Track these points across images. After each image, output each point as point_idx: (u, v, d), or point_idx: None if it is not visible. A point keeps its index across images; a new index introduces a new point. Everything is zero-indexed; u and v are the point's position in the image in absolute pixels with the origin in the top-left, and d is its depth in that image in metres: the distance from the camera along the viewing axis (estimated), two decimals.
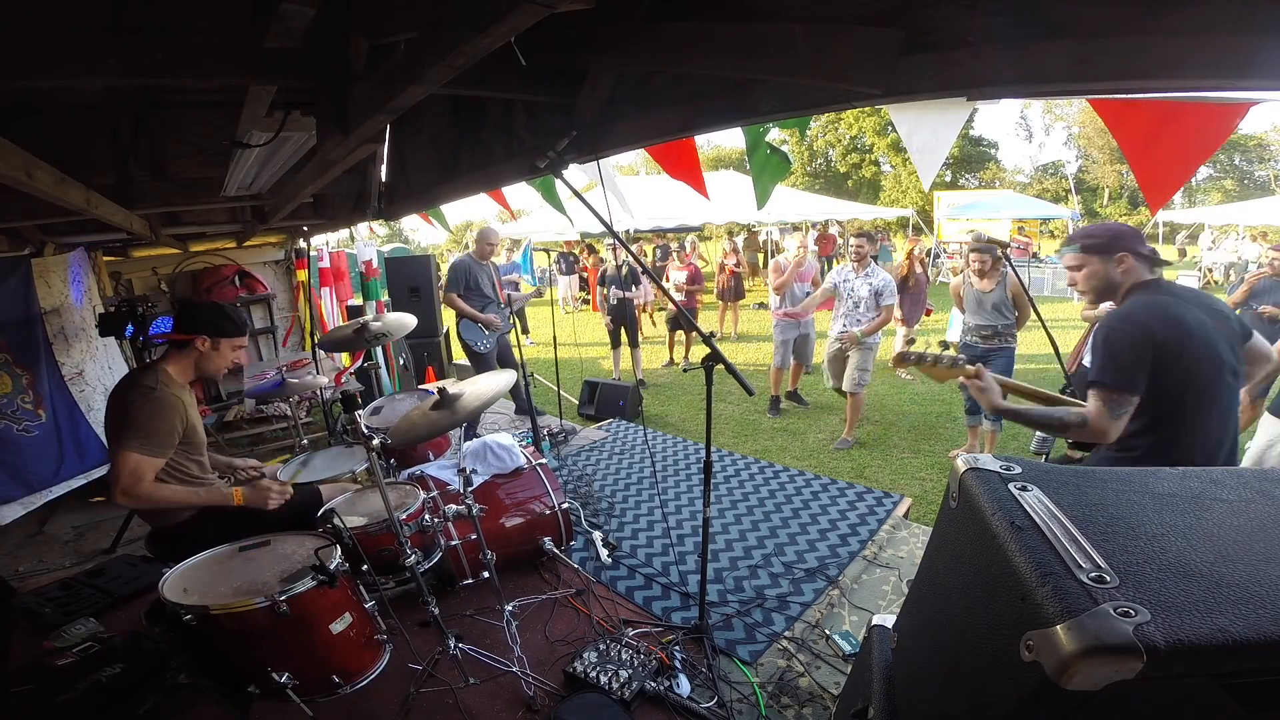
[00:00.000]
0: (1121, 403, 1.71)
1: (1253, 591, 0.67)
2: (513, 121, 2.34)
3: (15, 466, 3.53)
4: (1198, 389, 1.72)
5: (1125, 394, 1.71)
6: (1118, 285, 1.89)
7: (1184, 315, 1.73)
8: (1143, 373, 1.70)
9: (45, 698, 2.08)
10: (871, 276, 4.67)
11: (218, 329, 2.23)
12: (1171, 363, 1.70)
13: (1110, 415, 1.72)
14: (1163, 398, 1.72)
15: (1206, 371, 1.73)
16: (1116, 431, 1.73)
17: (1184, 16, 0.93)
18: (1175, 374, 1.70)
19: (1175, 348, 1.70)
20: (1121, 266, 1.87)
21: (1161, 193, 1.74)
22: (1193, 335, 1.72)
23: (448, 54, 1.09)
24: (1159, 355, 1.69)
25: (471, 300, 4.70)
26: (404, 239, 28.17)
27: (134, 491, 1.98)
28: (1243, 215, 14.46)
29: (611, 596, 2.70)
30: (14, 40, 1.28)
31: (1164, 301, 1.78)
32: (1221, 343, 1.76)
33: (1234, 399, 1.80)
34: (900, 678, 1.16)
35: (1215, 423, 1.76)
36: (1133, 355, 1.71)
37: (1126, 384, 1.71)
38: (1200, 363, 1.72)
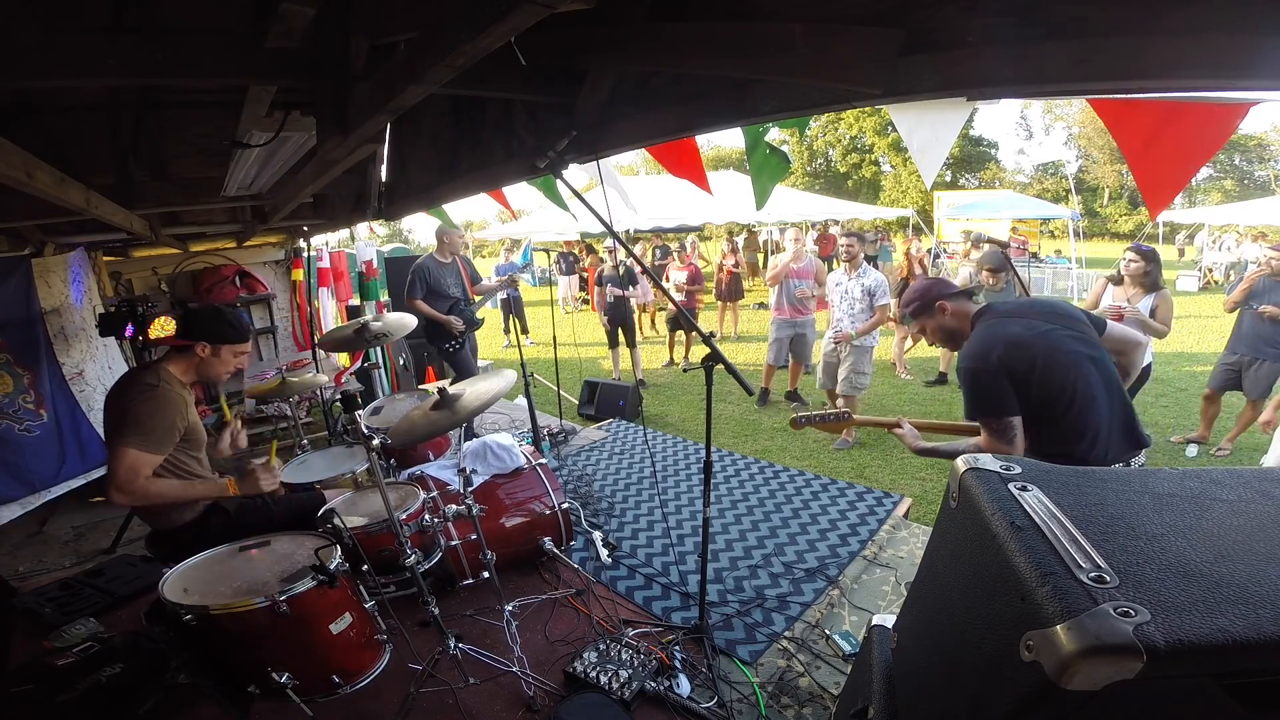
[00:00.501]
0: (1003, 428, 1.85)
1: (1253, 591, 0.67)
2: (513, 121, 2.34)
3: (17, 466, 3.53)
4: (1065, 388, 1.83)
5: (1001, 418, 1.85)
6: (956, 329, 2.09)
7: (1018, 331, 1.89)
8: (1007, 396, 1.84)
9: (45, 698, 2.08)
10: (864, 276, 4.66)
11: (218, 335, 2.23)
12: (1025, 377, 1.83)
13: (1000, 440, 1.86)
14: (1036, 404, 1.84)
15: (1062, 369, 1.84)
16: (1017, 449, 1.85)
17: (1184, 16, 0.93)
18: (1035, 385, 1.83)
19: (1025, 364, 1.84)
20: (946, 313, 2.09)
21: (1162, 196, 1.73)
22: (1032, 345, 1.86)
23: (448, 54, 1.09)
24: (1012, 376, 1.83)
25: (437, 302, 4.55)
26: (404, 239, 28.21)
27: (129, 488, 1.97)
28: (1243, 215, 14.46)
29: (611, 596, 2.70)
30: (14, 40, 1.28)
31: (995, 326, 1.95)
32: (1065, 338, 1.89)
33: (1107, 379, 1.89)
34: (900, 678, 1.16)
35: (1102, 405, 1.85)
36: (990, 385, 1.85)
37: (997, 410, 1.85)
38: (1052, 366, 1.84)
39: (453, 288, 4.65)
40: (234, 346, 2.28)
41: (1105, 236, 29.04)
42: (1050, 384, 1.83)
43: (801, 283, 5.54)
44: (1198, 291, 13.37)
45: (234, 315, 2.34)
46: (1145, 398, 5.51)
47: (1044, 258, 15.49)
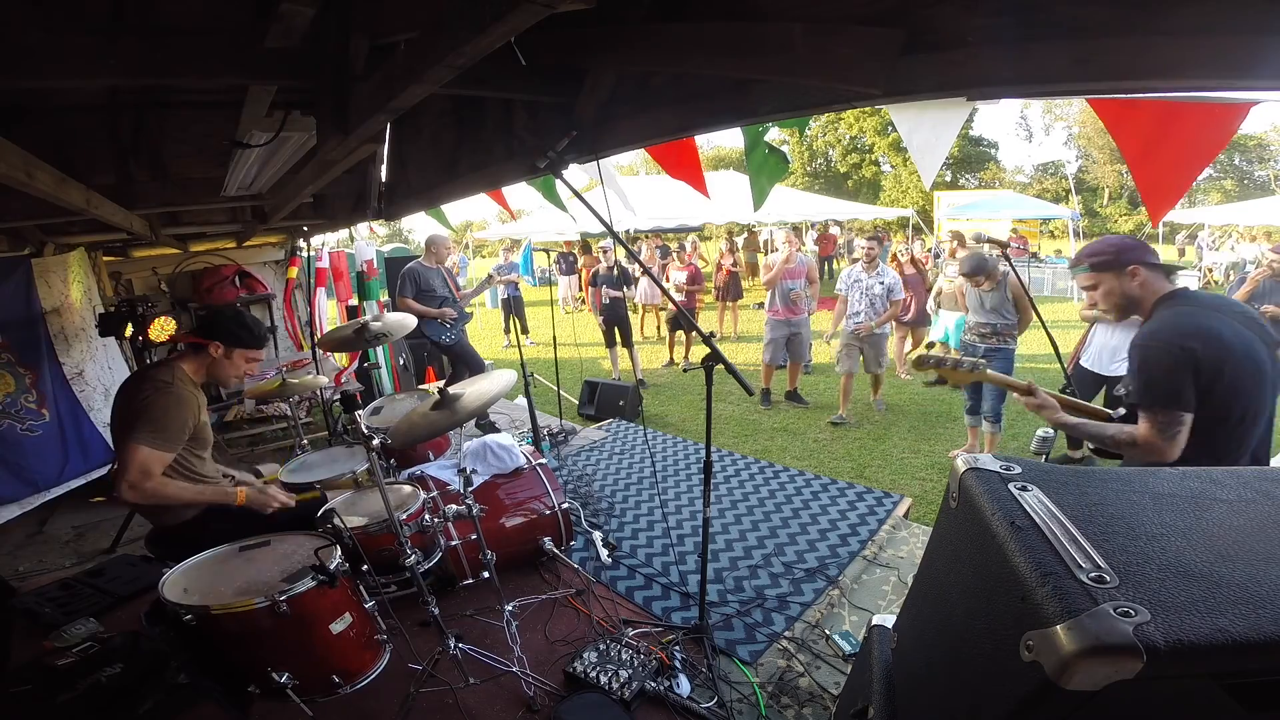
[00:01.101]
0: (1172, 422, 1.66)
1: (1253, 591, 0.67)
2: (513, 121, 2.34)
3: (19, 466, 3.53)
4: (1244, 403, 1.67)
5: (1174, 412, 1.66)
6: (1138, 299, 1.85)
7: (1220, 328, 1.68)
8: (1188, 389, 1.65)
9: (45, 698, 2.08)
10: (883, 275, 5.21)
11: (234, 338, 2.23)
12: (1213, 379, 1.64)
13: (1162, 436, 1.67)
14: (1208, 411, 1.67)
15: (1250, 384, 1.67)
16: (1176, 450, 1.67)
17: (1184, 16, 0.93)
18: (1218, 391, 1.64)
19: (1216, 364, 1.64)
20: (1136, 280, 1.83)
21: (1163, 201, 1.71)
22: (1234, 349, 1.66)
23: (448, 54, 1.09)
24: (1199, 371, 1.64)
25: (427, 302, 4.84)
26: (404, 239, 28.21)
27: (141, 486, 1.98)
28: (1243, 215, 14.45)
29: (611, 596, 2.70)
30: (14, 40, 1.28)
31: (1195, 314, 1.72)
32: (1261, 352, 1.70)
33: (1275, 407, 1.74)
34: (900, 678, 1.16)
35: (1258, 434, 1.72)
36: (1174, 374, 1.65)
37: (1173, 403, 1.66)
38: (1244, 376, 1.66)
39: (440, 289, 4.91)
40: (247, 351, 2.29)
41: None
42: (1233, 394, 1.65)
43: (794, 283, 5.69)
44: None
45: (255, 321, 2.35)
46: None
47: (1044, 258, 15.48)
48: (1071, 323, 6.68)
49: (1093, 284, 1.92)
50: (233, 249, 5.54)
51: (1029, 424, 5.20)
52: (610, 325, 6.84)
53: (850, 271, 5.41)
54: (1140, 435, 1.71)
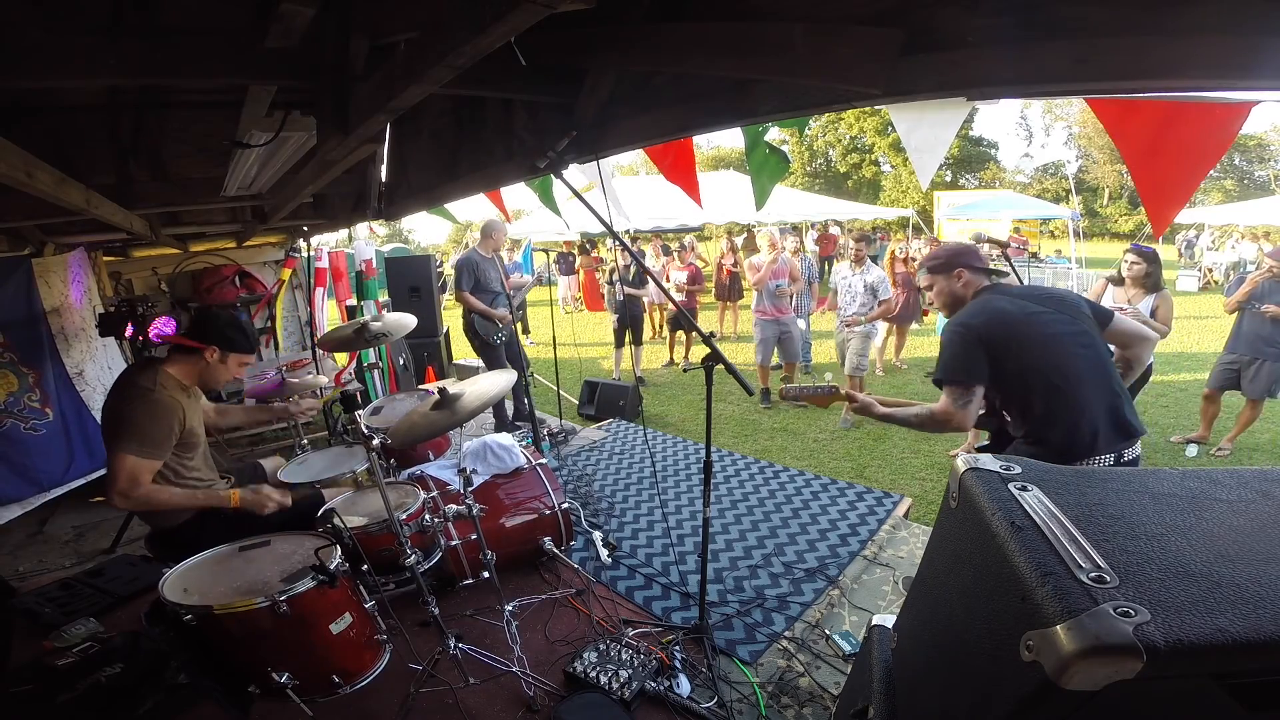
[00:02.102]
0: (963, 393, 1.91)
1: (1253, 591, 0.67)
2: (513, 121, 2.34)
3: (24, 466, 3.53)
4: (1043, 368, 1.87)
5: (963, 385, 1.92)
6: (962, 297, 2.12)
7: (1006, 307, 1.96)
8: (978, 365, 1.90)
9: (45, 698, 2.08)
10: (868, 273, 5.29)
11: (230, 343, 2.22)
12: (1003, 350, 1.89)
13: (955, 405, 1.92)
14: (1015, 382, 1.91)
15: (1044, 350, 1.89)
16: (969, 419, 1.93)
17: (1184, 16, 0.93)
18: (1013, 359, 1.88)
19: (1002, 336, 1.90)
20: (960, 280, 2.12)
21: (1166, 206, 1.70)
22: (1016, 321, 1.92)
23: (448, 54, 1.09)
24: (990, 347, 1.89)
25: (481, 296, 4.74)
26: (404, 239, 28.20)
27: (131, 494, 1.97)
28: (1243, 215, 14.45)
29: (611, 596, 2.70)
30: (14, 40, 1.28)
31: (988, 300, 2.02)
32: (1053, 321, 1.92)
33: (1098, 364, 1.91)
34: (900, 678, 1.16)
35: (1087, 391, 1.86)
36: (963, 351, 1.92)
37: (962, 377, 1.92)
38: (1032, 343, 1.89)
39: (495, 282, 4.77)
40: (241, 356, 2.28)
41: (1105, 236, 29.04)
42: (1027, 363, 1.88)
43: (779, 282, 5.79)
44: (1198, 291, 13.37)
45: (249, 325, 2.34)
46: (1145, 398, 5.51)
47: (1044, 258, 15.48)
48: None
49: (929, 284, 2.22)
50: (233, 249, 5.53)
51: None
52: (624, 324, 6.86)
53: (839, 269, 5.59)
54: (938, 408, 1.96)
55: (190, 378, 2.24)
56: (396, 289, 6.05)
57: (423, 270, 6.09)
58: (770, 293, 5.82)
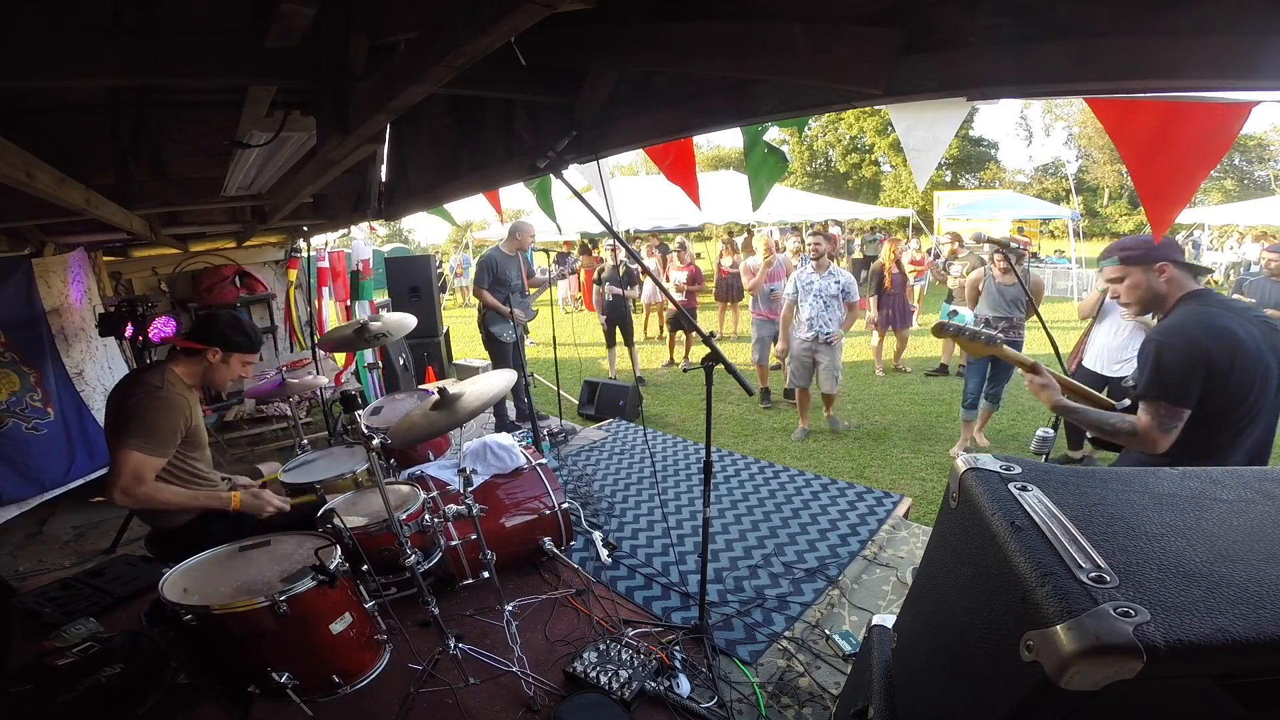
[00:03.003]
0: (1172, 416, 1.71)
1: (1252, 591, 0.67)
2: (513, 121, 2.34)
3: (26, 466, 3.53)
4: (1247, 404, 1.70)
5: (1176, 408, 1.71)
6: (1163, 296, 1.87)
7: (1235, 329, 1.71)
8: (1195, 387, 1.69)
9: (45, 698, 2.08)
10: (836, 276, 4.76)
11: (231, 343, 2.23)
12: (1223, 378, 1.68)
13: (1160, 428, 1.72)
14: (1211, 411, 1.71)
15: (1257, 386, 1.70)
16: (1167, 443, 1.73)
17: (1184, 16, 0.93)
18: (1226, 389, 1.68)
19: (1227, 363, 1.67)
20: (1163, 276, 1.85)
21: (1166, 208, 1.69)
22: (1245, 349, 1.69)
23: (448, 54, 1.09)
24: (1211, 370, 1.68)
25: (497, 292, 4.79)
26: (404, 239, 28.19)
27: (134, 491, 1.97)
28: (1243, 215, 14.45)
29: (611, 596, 2.70)
30: (14, 40, 1.28)
31: (1214, 314, 1.76)
32: (1271, 357, 1.73)
33: (1276, 411, 1.77)
34: (900, 678, 1.16)
35: (1256, 437, 1.75)
36: (1185, 369, 1.69)
37: (1178, 398, 1.70)
38: (1251, 378, 1.69)
39: (514, 279, 4.87)
40: (244, 356, 2.28)
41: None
42: (1239, 394, 1.70)
43: (774, 284, 5.80)
44: None
45: (250, 325, 2.34)
46: None
47: (1044, 258, 15.48)
48: (1071, 323, 6.68)
49: (1119, 276, 1.94)
50: (233, 249, 5.53)
51: (1029, 424, 5.20)
52: (612, 324, 6.84)
53: (798, 274, 4.90)
54: (1141, 425, 1.75)
55: (194, 378, 2.25)
56: (396, 289, 6.06)
57: (423, 270, 6.09)
58: (764, 294, 5.86)
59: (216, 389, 2.37)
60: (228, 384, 2.33)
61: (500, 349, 4.94)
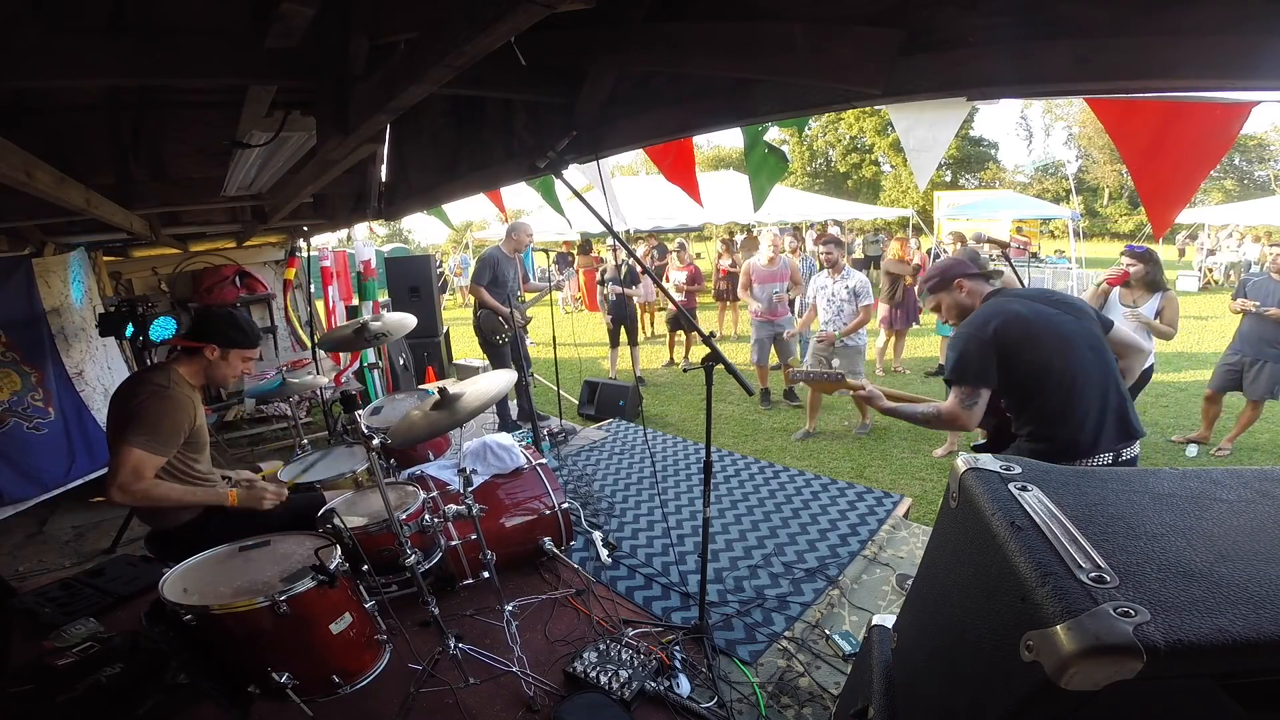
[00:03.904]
0: (971, 395, 1.95)
1: (1253, 591, 0.67)
2: (513, 121, 2.34)
3: (27, 466, 3.53)
4: (1056, 368, 1.88)
5: (972, 387, 1.95)
6: (969, 305, 2.15)
7: (1018, 309, 1.95)
8: (989, 366, 1.92)
9: (45, 698, 2.08)
10: (847, 278, 4.81)
11: (228, 339, 2.22)
12: (1016, 351, 1.90)
13: (962, 406, 1.96)
14: (1025, 381, 1.92)
15: (1055, 349, 1.90)
16: (974, 420, 1.96)
17: (1184, 16, 0.93)
18: (1025, 359, 1.90)
19: (1016, 337, 1.90)
20: (963, 291, 2.16)
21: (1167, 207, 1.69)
22: (1030, 321, 1.92)
23: (448, 54, 1.09)
24: (1001, 348, 1.90)
25: (495, 293, 4.76)
26: (404, 239, 28.20)
27: (132, 488, 1.97)
28: (1243, 215, 14.44)
29: (611, 596, 2.70)
30: (14, 40, 1.28)
31: (1000, 302, 2.03)
32: (1065, 322, 1.95)
33: (1103, 367, 1.93)
34: (900, 678, 1.16)
35: (1094, 392, 1.89)
36: (975, 353, 1.93)
37: (972, 379, 1.94)
38: (1045, 344, 1.90)
39: (512, 280, 4.84)
40: (243, 351, 2.27)
41: (1105, 236, 29.04)
42: (1038, 361, 1.90)
43: (778, 286, 5.63)
44: (1198, 291, 13.36)
45: (246, 320, 2.32)
46: (1145, 398, 5.50)
47: (1044, 258, 15.47)
48: None
49: (935, 305, 2.26)
50: (233, 249, 5.53)
51: None
52: (617, 324, 6.84)
53: (816, 278, 5.07)
54: (945, 407, 2.00)
55: (196, 377, 2.25)
56: (396, 289, 6.05)
57: (423, 270, 6.09)
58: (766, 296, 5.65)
59: (219, 386, 2.37)
60: (230, 380, 2.33)
61: (495, 352, 4.94)
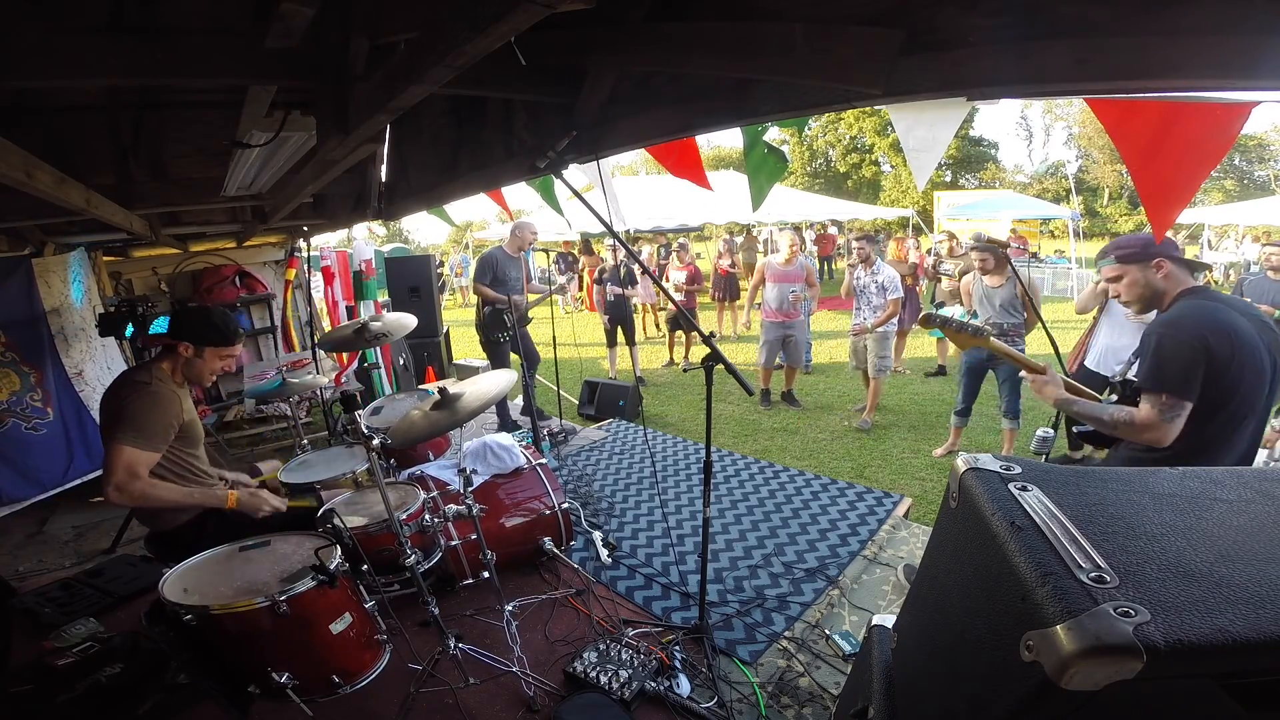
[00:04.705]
0: (1174, 407, 1.72)
1: (1253, 591, 0.67)
2: (513, 121, 2.34)
3: (26, 466, 3.54)
4: (1241, 398, 1.72)
5: (1178, 399, 1.71)
6: (1162, 292, 1.89)
7: (1235, 323, 1.73)
8: (1197, 379, 1.70)
9: (45, 698, 2.08)
10: (878, 273, 5.18)
11: (201, 337, 2.20)
12: (1222, 371, 1.69)
13: (1162, 419, 1.73)
14: (1207, 404, 1.72)
15: (1251, 380, 1.72)
16: (1171, 435, 1.73)
17: (1184, 16, 0.93)
18: (1224, 383, 1.70)
19: (1226, 356, 1.69)
20: (1161, 272, 1.87)
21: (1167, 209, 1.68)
22: (1244, 344, 1.71)
23: (448, 54, 1.09)
24: (1211, 362, 1.69)
25: (499, 290, 4.77)
26: (404, 239, 28.19)
27: (128, 488, 1.97)
28: (1243, 215, 14.44)
29: (611, 596, 2.70)
30: (14, 40, 1.28)
31: (1214, 307, 1.78)
32: (1266, 353, 1.75)
33: (1270, 408, 1.79)
34: (900, 678, 1.16)
35: (1249, 432, 1.77)
36: (1187, 361, 1.70)
37: (1179, 389, 1.71)
38: (1246, 372, 1.71)
39: (514, 280, 4.86)
40: (218, 349, 2.24)
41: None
42: (1234, 389, 1.71)
43: (795, 286, 5.61)
44: None
45: (222, 318, 2.29)
46: None
47: (1044, 258, 15.48)
48: (1071, 323, 6.69)
49: (1118, 275, 1.95)
50: (233, 249, 5.53)
51: (1029, 424, 5.19)
52: (614, 324, 6.83)
53: (857, 274, 5.33)
54: (1140, 415, 1.76)
55: (177, 375, 2.24)
56: (396, 289, 6.05)
57: (423, 270, 6.09)
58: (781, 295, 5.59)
59: (197, 383, 2.34)
60: (207, 378, 2.28)
61: (498, 350, 4.93)
